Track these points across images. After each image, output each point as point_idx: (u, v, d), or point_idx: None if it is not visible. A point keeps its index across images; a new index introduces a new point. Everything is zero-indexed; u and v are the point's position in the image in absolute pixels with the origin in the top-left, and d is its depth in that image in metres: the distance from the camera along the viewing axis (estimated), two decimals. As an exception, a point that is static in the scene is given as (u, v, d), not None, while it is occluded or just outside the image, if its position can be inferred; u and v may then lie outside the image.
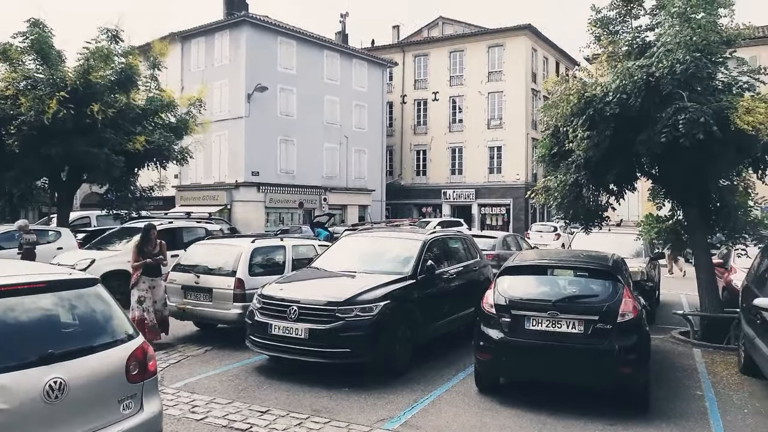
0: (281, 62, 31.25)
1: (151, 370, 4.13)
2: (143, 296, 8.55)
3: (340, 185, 34.69)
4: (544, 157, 10.46)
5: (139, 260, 8.64)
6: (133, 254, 8.77)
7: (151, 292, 8.60)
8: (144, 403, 4.01)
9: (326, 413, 5.90)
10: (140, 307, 8.51)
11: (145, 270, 8.61)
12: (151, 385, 4.14)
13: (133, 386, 3.94)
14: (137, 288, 8.59)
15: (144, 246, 8.76)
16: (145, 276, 8.60)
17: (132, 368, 3.93)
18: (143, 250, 8.71)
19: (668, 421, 5.79)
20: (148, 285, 8.61)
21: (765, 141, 7.91)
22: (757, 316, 6.64)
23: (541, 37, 39.59)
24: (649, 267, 11.66)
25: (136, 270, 8.64)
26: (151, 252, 8.74)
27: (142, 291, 8.57)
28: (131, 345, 4.03)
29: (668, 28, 8.44)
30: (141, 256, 8.67)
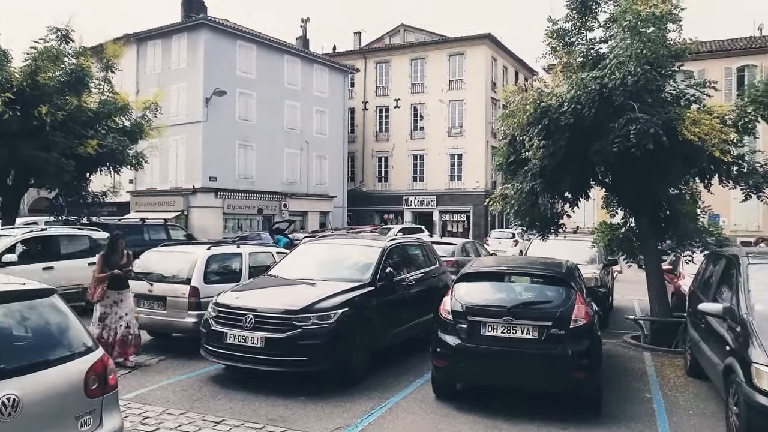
0: (240, 66, 30.89)
1: (112, 384, 3.96)
2: (106, 312, 7.88)
3: (301, 191, 34.44)
4: (502, 166, 10.64)
5: (105, 272, 7.89)
6: (98, 265, 8.00)
7: (117, 308, 7.93)
8: (104, 419, 3.84)
9: (282, 422, 5.82)
10: (101, 325, 7.84)
11: (111, 283, 7.91)
12: (112, 400, 3.97)
13: (92, 401, 3.77)
14: (101, 303, 7.90)
15: (110, 256, 8.07)
16: (111, 290, 7.91)
17: (91, 382, 3.76)
18: (110, 261, 8.00)
19: (618, 423, 5.94)
20: (113, 300, 7.94)
21: (710, 151, 8.19)
22: (702, 321, 6.89)
23: (501, 46, 40.35)
24: (603, 273, 11.95)
25: (101, 283, 7.89)
26: (118, 263, 8.05)
27: (106, 307, 7.91)
28: (90, 358, 3.85)
29: (620, 41, 8.70)
30: (107, 268, 7.93)
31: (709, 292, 7.23)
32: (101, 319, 7.84)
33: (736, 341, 5.45)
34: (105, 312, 7.87)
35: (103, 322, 7.83)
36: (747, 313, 5.54)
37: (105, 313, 7.87)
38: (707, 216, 11.20)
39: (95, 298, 7.89)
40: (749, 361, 4.99)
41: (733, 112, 9.08)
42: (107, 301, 7.89)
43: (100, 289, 7.85)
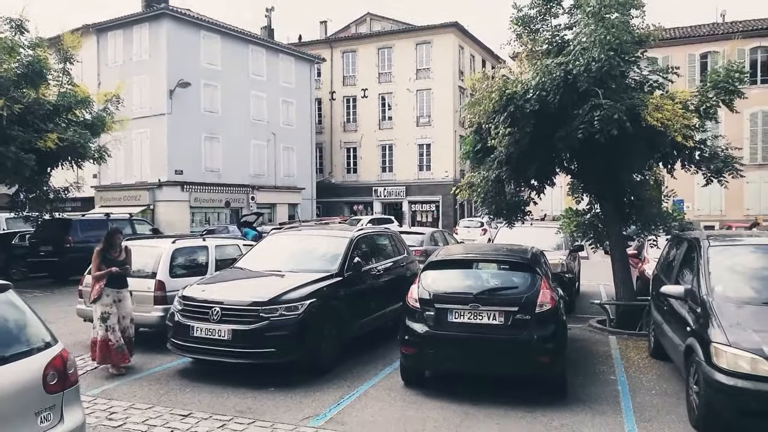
0: (204, 57, 30.34)
1: (73, 380, 3.90)
2: (107, 312, 7.23)
3: (269, 183, 34.10)
4: (468, 154, 10.67)
5: (102, 269, 7.29)
6: (95, 262, 7.35)
7: (116, 307, 7.31)
8: (65, 414, 3.78)
9: (251, 414, 5.77)
10: (104, 326, 7.18)
11: (109, 281, 7.30)
12: (73, 395, 3.91)
13: (51, 397, 3.70)
14: (100, 302, 7.24)
15: (107, 252, 7.42)
16: (109, 288, 7.27)
17: (50, 378, 3.70)
18: (107, 258, 7.37)
19: (583, 405, 6.04)
20: (113, 299, 7.29)
21: (673, 137, 8.34)
22: (664, 303, 7.04)
23: (468, 34, 40.49)
24: (569, 259, 12.12)
25: (99, 281, 7.28)
26: (116, 259, 7.42)
27: (107, 306, 7.24)
28: (49, 353, 3.79)
29: (584, 27, 8.76)
30: (105, 265, 7.32)
31: (672, 275, 7.39)
32: (103, 320, 7.21)
33: (697, 322, 5.58)
34: (106, 312, 7.24)
35: (105, 323, 7.19)
36: (707, 294, 5.67)
37: (107, 313, 7.24)
38: (671, 201, 11.46)
39: (92, 297, 7.31)
40: (709, 341, 5.11)
41: (696, 98, 9.26)
42: (107, 300, 7.27)
43: (98, 287, 7.25)
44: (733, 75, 9.09)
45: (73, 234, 16.81)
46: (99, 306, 7.24)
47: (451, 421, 5.60)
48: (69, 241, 16.59)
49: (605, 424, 5.53)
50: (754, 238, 7.37)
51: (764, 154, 33.97)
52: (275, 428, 5.41)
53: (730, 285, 5.81)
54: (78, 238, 16.73)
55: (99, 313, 7.24)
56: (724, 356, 4.89)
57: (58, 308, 12.06)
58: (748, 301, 5.51)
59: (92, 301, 7.30)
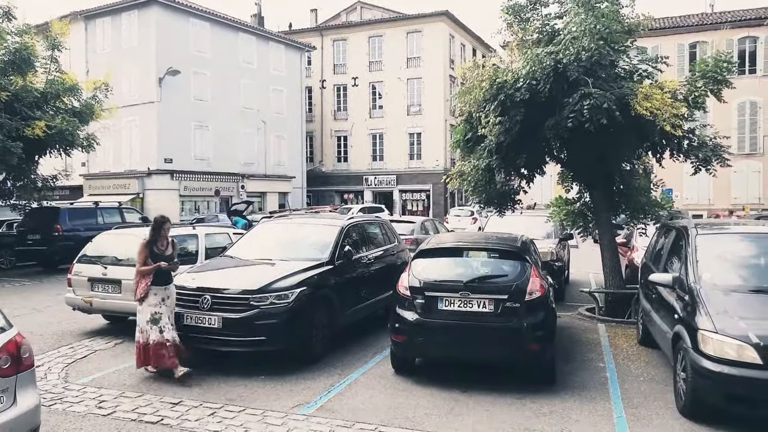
0: (194, 45, 30.05)
1: (27, 364, 4.00)
2: (158, 312, 6.46)
3: (259, 172, 33.96)
4: (459, 143, 10.65)
5: (149, 264, 6.50)
6: (141, 256, 6.52)
7: (163, 306, 6.54)
8: (18, 396, 3.89)
9: (241, 402, 5.78)
10: (157, 328, 6.42)
11: (155, 277, 6.50)
12: (27, 378, 4.01)
13: (4, 380, 3.81)
14: (147, 302, 6.46)
15: (155, 245, 6.62)
16: (155, 285, 6.49)
17: (2, 362, 3.81)
18: (154, 251, 6.58)
19: (572, 391, 6.10)
20: (161, 296, 6.52)
21: (662, 126, 8.37)
22: (653, 291, 7.11)
23: (459, 23, 40.36)
24: (559, 247, 12.19)
25: (144, 277, 6.47)
26: (164, 253, 6.62)
27: (155, 305, 6.46)
28: (2, 338, 3.88)
29: (574, 16, 8.75)
30: (152, 259, 6.52)
31: (660, 263, 7.45)
32: (154, 321, 6.44)
33: (684, 310, 5.64)
34: (157, 312, 6.47)
35: (158, 324, 6.44)
36: (695, 282, 5.73)
37: (157, 313, 6.46)
38: (660, 190, 11.54)
39: (137, 296, 6.52)
40: (696, 328, 5.17)
41: (684, 87, 9.29)
42: (154, 299, 6.47)
43: (144, 284, 6.46)
44: (721, 65, 9.13)
45: (62, 222, 16.68)
46: (147, 306, 6.47)
47: (441, 408, 5.64)
48: (57, 230, 16.48)
49: (594, 410, 5.59)
50: (741, 227, 7.44)
51: (751, 143, 34.26)
52: (266, 416, 5.43)
53: (718, 273, 5.86)
54: (66, 226, 16.61)
55: (148, 315, 6.45)
56: (711, 343, 4.95)
57: (47, 297, 12.00)
58: (735, 289, 5.58)
59: (138, 299, 6.53)
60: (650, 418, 5.40)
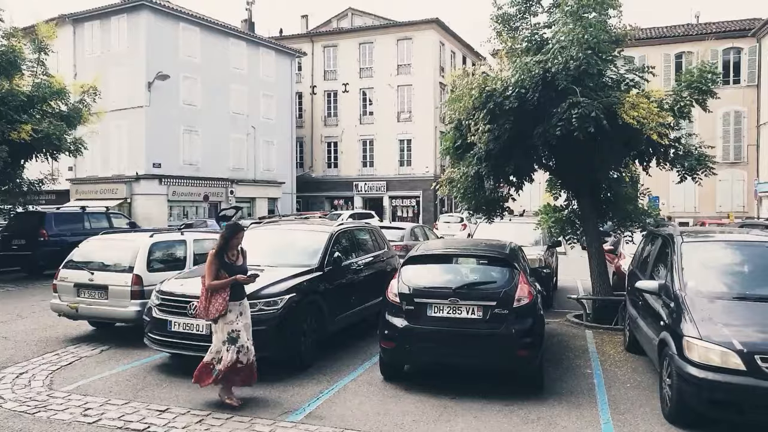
0: (184, 50, 29.97)
1: None
2: (236, 331, 5.74)
3: (248, 177, 33.87)
4: (449, 150, 10.71)
5: (224, 277, 5.73)
6: (212, 267, 5.71)
7: (239, 323, 5.82)
8: None
9: (229, 409, 5.75)
10: (235, 347, 5.71)
11: (231, 292, 5.79)
12: None
13: None
14: (224, 320, 5.72)
15: (225, 254, 5.85)
16: (231, 301, 5.77)
17: None
18: (225, 262, 5.81)
19: (560, 398, 6.14)
20: (237, 312, 5.84)
21: (648, 135, 8.48)
22: (639, 298, 7.17)
23: (449, 31, 40.59)
24: (547, 254, 12.27)
25: (220, 293, 5.71)
26: (234, 263, 5.88)
27: (232, 323, 5.75)
28: None
29: (563, 26, 8.84)
30: (225, 271, 5.77)
31: (647, 270, 7.53)
32: (232, 341, 5.71)
33: (670, 316, 5.70)
34: (234, 330, 5.74)
35: (236, 344, 5.72)
36: (680, 289, 5.80)
37: (235, 332, 5.74)
38: (647, 198, 11.67)
39: (214, 314, 5.70)
40: (681, 335, 5.23)
41: (670, 97, 9.43)
42: (231, 316, 5.74)
43: (220, 300, 5.70)
44: (706, 75, 9.28)
45: (47, 227, 16.50)
46: (223, 324, 5.73)
47: (430, 414, 5.65)
48: (43, 235, 16.29)
49: (581, 416, 5.63)
50: (726, 235, 7.54)
51: (736, 152, 34.70)
52: (253, 423, 5.41)
53: (703, 280, 5.94)
54: (52, 231, 16.43)
55: (225, 334, 5.72)
56: (696, 350, 5.01)
57: (31, 303, 11.87)
58: (720, 296, 5.65)
59: (213, 319, 5.76)
60: (636, 424, 5.44)
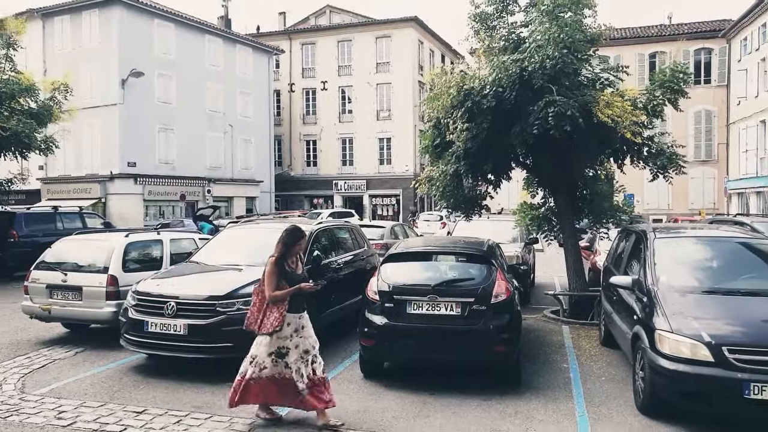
0: (158, 46, 29.57)
1: None
2: (285, 347, 5.18)
3: (226, 176, 33.58)
4: (427, 148, 10.77)
5: (284, 287, 5.14)
6: (272, 277, 5.13)
7: (298, 338, 5.23)
8: None
9: (208, 409, 5.71)
10: (281, 362, 5.18)
11: (291, 303, 5.23)
12: None
13: None
14: (279, 335, 5.14)
15: (285, 261, 5.28)
16: (289, 313, 5.20)
17: None
18: (285, 270, 5.23)
19: (537, 392, 6.23)
20: (296, 326, 5.25)
21: (622, 133, 8.63)
22: (614, 293, 7.30)
23: (428, 29, 40.72)
24: (524, 251, 12.41)
25: (279, 305, 5.15)
26: (294, 271, 5.31)
27: (285, 339, 5.17)
28: None
29: (539, 25, 8.94)
30: (286, 281, 5.17)
31: (621, 266, 7.67)
32: (280, 355, 5.17)
33: (643, 311, 5.82)
34: (284, 346, 5.18)
35: (283, 359, 5.18)
36: (653, 284, 5.93)
37: (285, 348, 5.18)
38: (622, 195, 11.88)
39: (269, 329, 5.13)
40: (653, 328, 5.35)
41: (644, 96, 9.62)
42: (288, 330, 5.20)
43: (277, 313, 5.13)
44: (678, 75, 9.49)
45: (17, 228, 16.11)
46: (275, 339, 5.16)
47: (410, 411, 5.69)
48: (13, 236, 15.92)
49: (557, 410, 5.72)
50: (697, 231, 7.72)
51: (707, 151, 35.47)
52: (233, 422, 5.39)
53: (674, 275, 6.07)
54: (23, 232, 16.05)
55: (274, 347, 5.16)
56: (667, 342, 5.13)
57: (1, 306, 11.61)
58: (691, 290, 5.79)
59: (266, 332, 5.18)
60: (611, 416, 5.55)
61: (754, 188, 29.67)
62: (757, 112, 29.33)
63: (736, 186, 32.00)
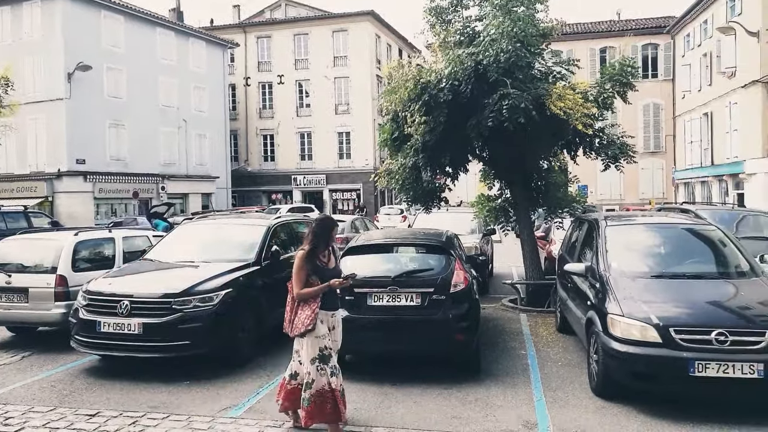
0: (106, 39, 28.61)
1: None
2: (327, 348, 4.75)
3: (180, 172, 32.83)
4: (386, 142, 10.78)
5: (315, 284, 4.72)
6: (301, 272, 4.70)
7: (330, 338, 4.86)
8: None
9: (165, 408, 5.59)
10: (327, 369, 4.71)
11: (323, 300, 4.79)
12: None
13: None
14: (315, 334, 4.68)
15: (316, 256, 4.84)
16: (322, 310, 4.77)
17: None
18: (316, 265, 4.81)
19: (496, 379, 6.35)
20: (329, 325, 4.86)
21: (574, 125, 8.84)
22: (569, 280, 7.50)
23: (385, 24, 40.72)
24: (483, 242, 12.59)
25: (310, 302, 4.69)
26: (326, 266, 4.90)
27: (325, 337, 4.74)
28: None
29: (492, 19, 9.07)
30: (317, 276, 4.75)
31: (575, 254, 7.87)
32: (324, 360, 4.70)
33: (596, 296, 6.00)
34: (326, 348, 4.73)
35: (328, 364, 4.72)
36: (605, 270, 6.12)
37: (327, 349, 4.74)
38: (576, 186, 12.19)
39: (300, 329, 4.67)
40: (606, 313, 5.52)
41: (594, 89, 9.86)
42: (322, 329, 4.73)
43: (309, 311, 4.66)
44: (626, 69, 9.78)
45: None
46: (315, 339, 4.67)
47: (371, 402, 5.71)
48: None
49: (516, 395, 5.84)
50: (646, 219, 7.99)
51: (656, 142, 36.69)
52: (191, 421, 5.28)
53: (625, 261, 6.28)
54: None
55: (316, 351, 4.68)
56: (619, 326, 5.31)
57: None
58: (641, 275, 6.00)
59: (298, 333, 4.71)
60: (567, 399, 5.71)
61: (699, 178, 30.88)
62: (700, 105, 30.49)
63: (682, 176, 33.24)
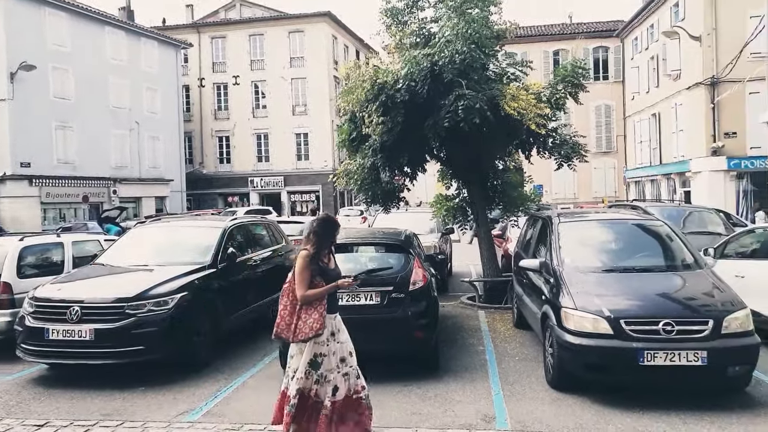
0: (51, 38, 27.54)
1: None
2: (322, 354, 4.37)
3: (133, 176, 31.95)
4: (344, 142, 10.79)
5: (319, 285, 4.40)
6: (305, 273, 4.36)
7: (334, 344, 4.45)
8: None
9: (118, 416, 5.44)
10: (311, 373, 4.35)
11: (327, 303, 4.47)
12: None
13: None
14: (316, 341, 4.34)
15: (319, 257, 4.53)
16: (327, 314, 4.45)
17: None
18: (321, 266, 4.52)
19: (455, 375, 6.43)
20: (331, 330, 4.46)
21: (528, 125, 9.04)
22: (524, 277, 7.66)
23: (341, 25, 40.65)
24: (441, 241, 12.73)
25: (318, 304, 4.37)
26: (328, 267, 4.62)
27: (323, 344, 4.37)
28: None
29: (447, 21, 9.19)
30: (321, 278, 4.45)
31: (530, 250, 8.05)
32: (313, 365, 4.36)
33: (551, 291, 6.16)
34: (320, 353, 4.37)
35: (318, 370, 4.37)
36: (558, 265, 6.29)
37: (320, 355, 4.37)
38: (531, 185, 12.45)
39: (307, 334, 4.29)
40: (560, 307, 5.67)
41: (547, 90, 10.11)
42: (325, 334, 4.40)
43: (317, 314, 4.33)
44: (577, 71, 10.07)
45: None
46: (311, 345, 4.35)
47: (331, 402, 5.68)
48: None
49: (474, 390, 5.93)
50: (597, 215, 8.23)
51: (607, 142, 37.80)
52: (146, 427, 5.16)
53: (578, 256, 6.47)
54: None
55: (311, 355, 4.35)
56: (572, 319, 5.47)
57: None
58: (593, 270, 6.19)
59: (305, 339, 4.32)
60: (524, 393, 5.83)
61: (649, 176, 31.96)
62: (648, 106, 31.57)
63: (633, 175, 34.34)
